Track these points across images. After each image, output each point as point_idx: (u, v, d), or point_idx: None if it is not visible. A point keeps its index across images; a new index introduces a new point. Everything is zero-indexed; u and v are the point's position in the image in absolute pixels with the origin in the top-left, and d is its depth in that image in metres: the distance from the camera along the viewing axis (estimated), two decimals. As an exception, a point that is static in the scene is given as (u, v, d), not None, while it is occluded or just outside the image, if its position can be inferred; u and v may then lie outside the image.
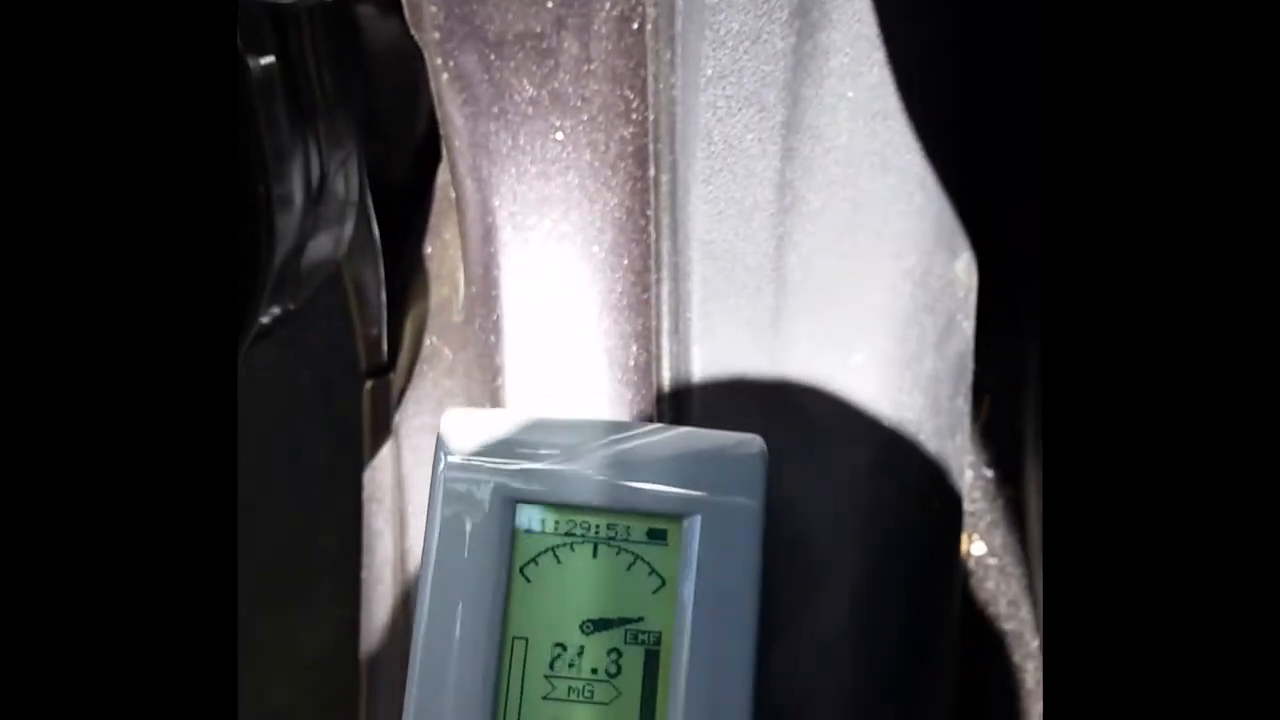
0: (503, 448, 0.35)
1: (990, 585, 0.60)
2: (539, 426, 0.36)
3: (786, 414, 0.42)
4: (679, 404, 0.43)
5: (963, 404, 0.46)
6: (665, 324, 0.42)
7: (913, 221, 0.42)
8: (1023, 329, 0.63)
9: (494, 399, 0.49)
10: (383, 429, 0.56)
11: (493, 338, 0.49)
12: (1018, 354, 0.63)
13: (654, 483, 0.35)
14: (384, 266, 0.58)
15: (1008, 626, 0.60)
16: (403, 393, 0.55)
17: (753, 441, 0.35)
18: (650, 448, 0.35)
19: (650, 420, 0.45)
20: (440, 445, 0.35)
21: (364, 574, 0.54)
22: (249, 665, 0.82)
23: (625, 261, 0.47)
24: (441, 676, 0.32)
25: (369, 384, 0.58)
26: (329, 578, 0.55)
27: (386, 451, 0.56)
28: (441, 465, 0.34)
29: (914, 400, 0.43)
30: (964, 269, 0.44)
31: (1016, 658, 0.59)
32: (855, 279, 0.42)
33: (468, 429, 0.35)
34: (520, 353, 0.48)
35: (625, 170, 0.46)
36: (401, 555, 0.52)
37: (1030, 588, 0.61)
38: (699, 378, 0.42)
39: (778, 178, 0.40)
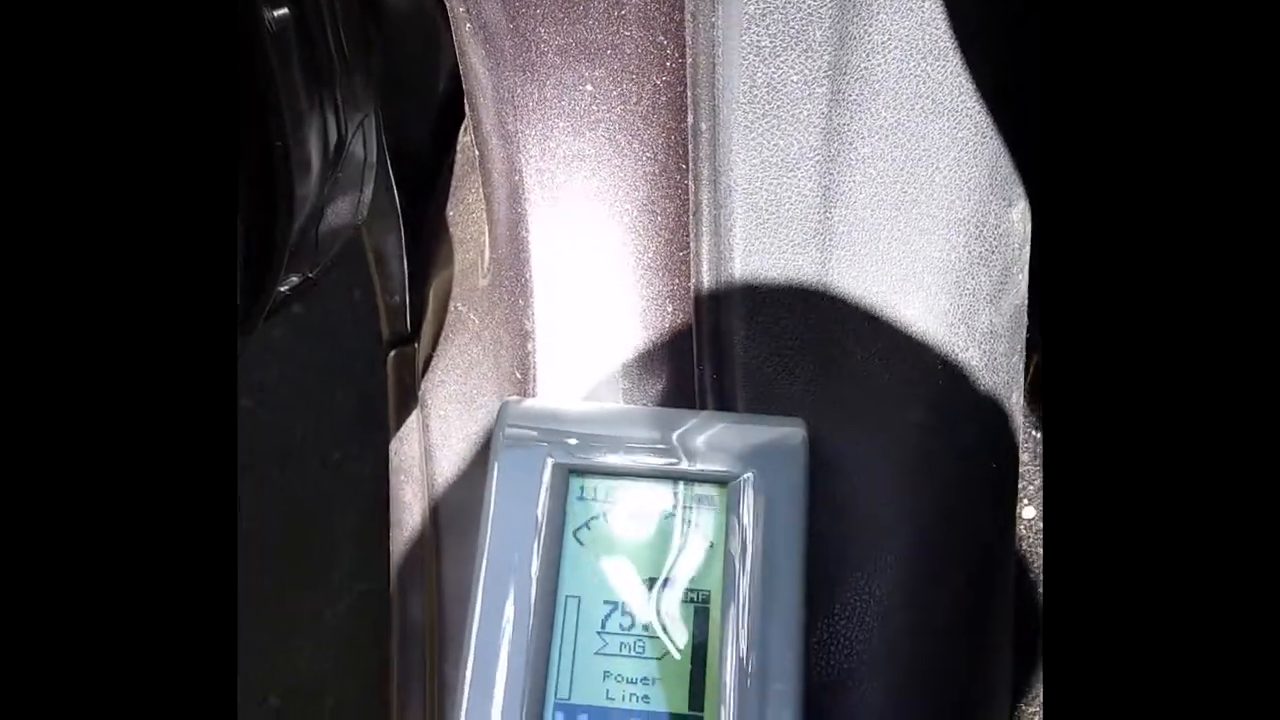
0: (558, 426, 0.37)
1: (1042, 551, 0.58)
2: (592, 410, 0.38)
3: (835, 374, 0.40)
4: (720, 366, 0.41)
5: (1019, 361, 0.43)
6: (705, 282, 0.40)
7: (966, 169, 0.40)
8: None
9: (523, 365, 0.47)
10: (408, 399, 0.55)
11: (521, 301, 0.47)
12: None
13: (702, 456, 0.36)
14: (405, 231, 0.56)
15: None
16: (428, 361, 0.53)
17: (794, 430, 0.36)
18: (697, 429, 0.37)
19: (691, 386, 0.43)
20: (499, 421, 0.37)
21: (393, 547, 0.52)
22: (275, 637, 0.81)
23: (660, 219, 0.45)
24: (497, 635, 0.33)
25: (392, 353, 0.57)
26: (353, 551, 0.53)
27: (413, 422, 0.54)
28: (501, 438, 0.36)
29: (969, 357, 0.41)
30: (1020, 218, 0.42)
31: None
32: (906, 230, 0.40)
33: (525, 410, 0.38)
34: (550, 317, 0.46)
35: (659, 122, 0.44)
36: (431, 527, 0.50)
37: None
38: (741, 338, 0.40)
39: (824, 124, 0.38)
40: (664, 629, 0.34)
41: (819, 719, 0.37)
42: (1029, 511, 0.58)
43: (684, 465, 0.36)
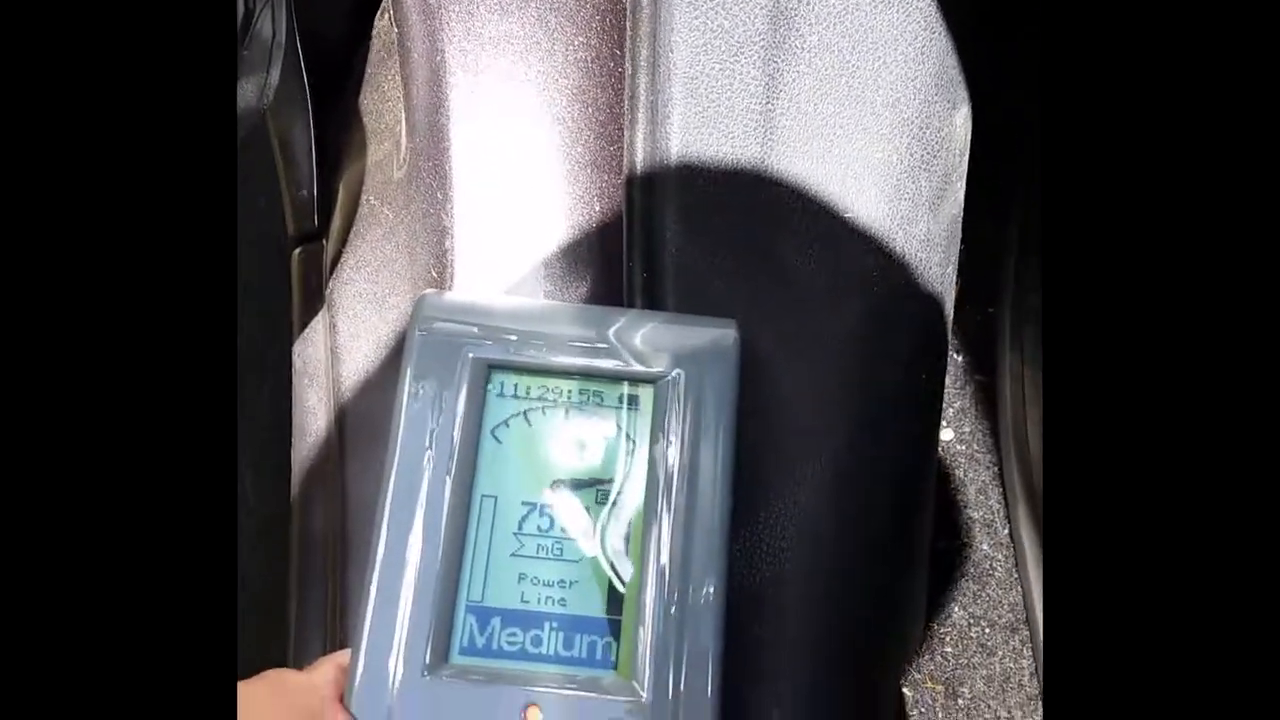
0: (478, 320, 0.35)
1: (959, 473, 0.58)
2: (514, 306, 0.36)
3: (770, 277, 0.39)
4: (651, 265, 0.39)
5: (952, 273, 0.42)
6: (639, 175, 0.38)
7: (914, 65, 0.38)
8: (1007, 205, 0.60)
9: (440, 262, 0.44)
10: (314, 300, 0.52)
11: (439, 195, 0.44)
12: (999, 232, 0.60)
13: (628, 354, 0.34)
14: (314, 120, 0.52)
15: (976, 514, 0.58)
16: (337, 259, 0.50)
17: (726, 331, 0.35)
18: (626, 327, 0.35)
19: (620, 288, 0.41)
20: (416, 313, 0.34)
21: (295, 454, 0.50)
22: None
23: (591, 110, 0.43)
24: (406, 535, 0.31)
25: (297, 251, 0.53)
26: (256, 457, 0.50)
27: (319, 324, 0.51)
28: (416, 331, 0.34)
29: (905, 265, 0.39)
30: (962, 123, 0.41)
31: (987, 546, 0.57)
32: (850, 128, 0.38)
33: (444, 303, 0.35)
34: (471, 212, 0.44)
35: (594, 3, 0.41)
36: (336, 433, 0.47)
37: (1000, 475, 0.59)
38: (674, 236, 0.38)
39: (772, 5, 0.36)
40: (581, 532, 0.33)
41: (739, 627, 0.36)
42: (947, 434, 0.58)
43: (610, 363, 0.34)
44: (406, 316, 0.45)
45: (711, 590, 0.32)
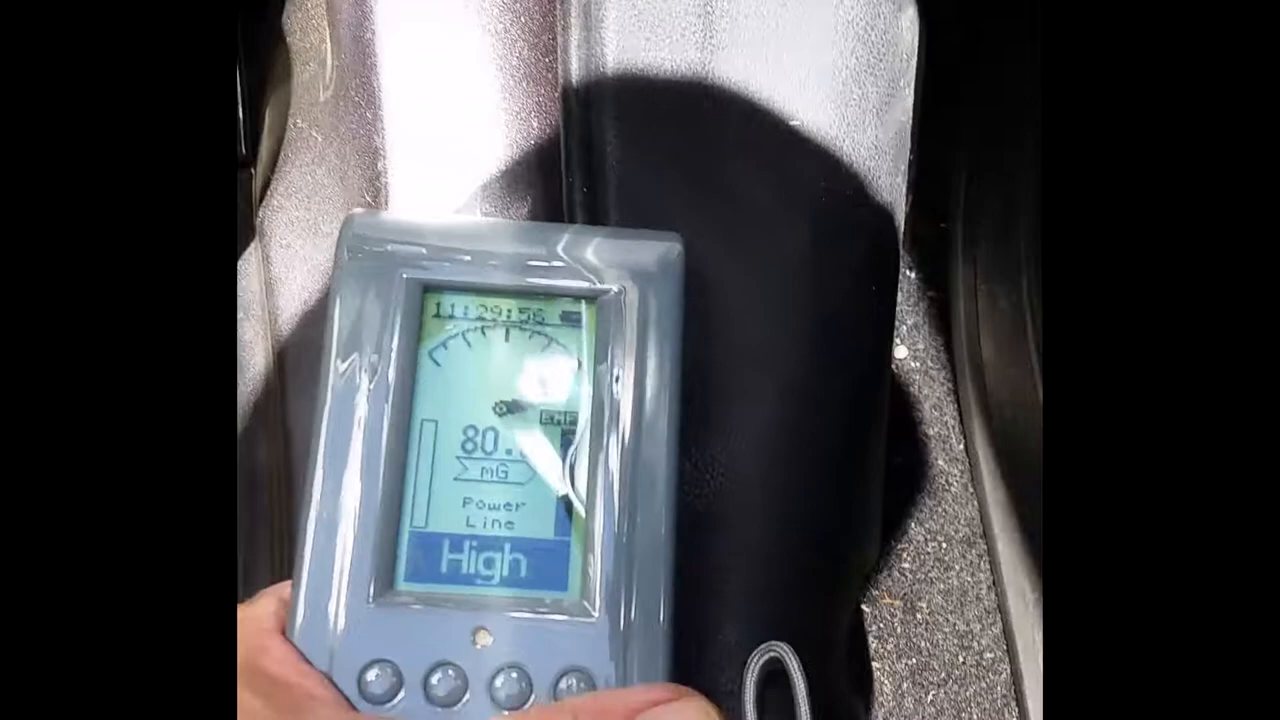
0: (411, 239, 0.33)
1: (914, 389, 0.57)
2: (449, 224, 0.34)
3: (713, 192, 0.37)
4: (591, 183, 0.37)
5: (901, 182, 0.41)
6: (575, 86, 0.37)
7: (857, -37, 0.37)
8: (960, 112, 0.59)
9: (373, 185, 0.42)
10: (245, 230, 0.50)
11: (369, 114, 0.42)
12: (950, 141, 0.59)
13: (568, 270, 0.32)
14: (240, 44, 0.50)
15: (932, 430, 0.57)
16: (266, 186, 0.48)
17: (670, 245, 0.33)
18: (566, 243, 0.33)
19: (558, 205, 0.39)
20: (344, 234, 0.32)
21: (236, 391, 0.48)
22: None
23: (524, 19, 0.41)
24: (344, 464, 0.30)
25: (227, 180, 0.51)
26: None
27: (252, 255, 0.49)
28: (345, 252, 0.32)
29: (853, 174, 0.38)
30: (908, 25, 0.39)
31: (942, 461, 0.57)
32: (793, 30, 0.37)
33: (374, 221, 0.33)
34: (402, 131, 0.42)
35: (522, -95, 0.39)
36: (275, 367, 0.46)
37: (954, 391, 0.59)
38: (614, 149, 0.37)
39: (708, -100, 0.34)
40: (527, 453, 0.31)
41: (691, 545, 0.35)
42: (901, 351, 0.57)
43: (551, 281, 0.33)
44: (341, 242, 0.44)
45: (663, 509, 0.31)
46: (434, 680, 0.28)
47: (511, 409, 0.32)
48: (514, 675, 0.28)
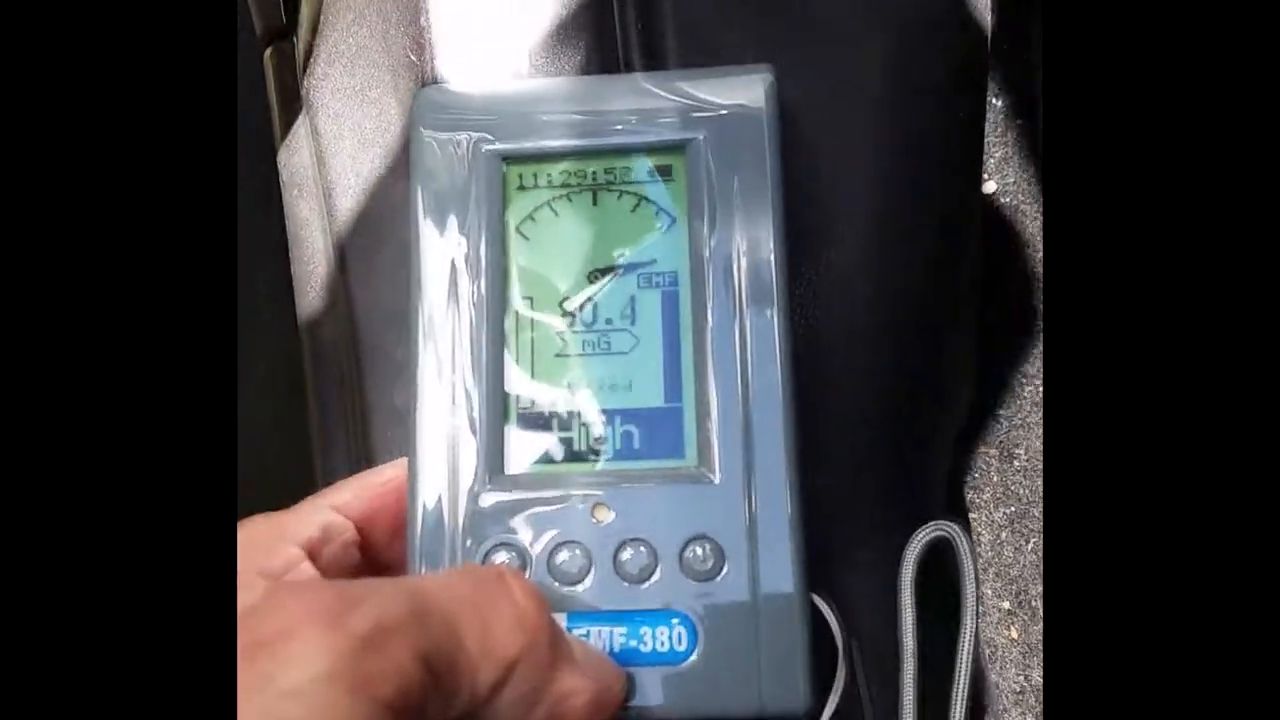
0: (482, 110, 0.31)
1: (1004, 226, 0.54)
2: (520, 89, 0.33)
3: (784, 18, 0.34)
4: (648, 20, 0.35)
5: (984, 9, 0.38)
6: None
7: None
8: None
9: (418, 44, 0.40)
10: (292, 101, 0.48)
11: (408, -35, 0.40)
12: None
13: (651, 119, 0.30)
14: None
15: (1023, 268, 0.54)
16: (309, 53, 0.46)
17: (759, 78, 0.31)
18: (644, 89, 0.31)
19: (614, 49, 0.37)
20: (416, 115, 0.31)
21: (294, 268, 0.47)
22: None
23: None
24: (446, 350, 0.29)
25: (268, 50, 0.49)
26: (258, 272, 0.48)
27: (300, 126, 0.47)
28: (421, 131, 0.31)
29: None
30: None
31: (1034, 300, 0.54)
32: None
33: (444, 97, 0.32)
34: (444, -19, 0.39)
35: None
36: (333, 242, 0.44)
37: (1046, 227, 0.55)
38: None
39: None
40: (630, 319, 0.30)
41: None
42: (990, 186, 0.54)
43: (633, 135, 0.31)
44: (389, 109, 0.42)
45: (777, 364, 0.29)
46: (558, 560, 0.28)
47: (608, 275, 0.30)
48: (641, 549, 0.28)
